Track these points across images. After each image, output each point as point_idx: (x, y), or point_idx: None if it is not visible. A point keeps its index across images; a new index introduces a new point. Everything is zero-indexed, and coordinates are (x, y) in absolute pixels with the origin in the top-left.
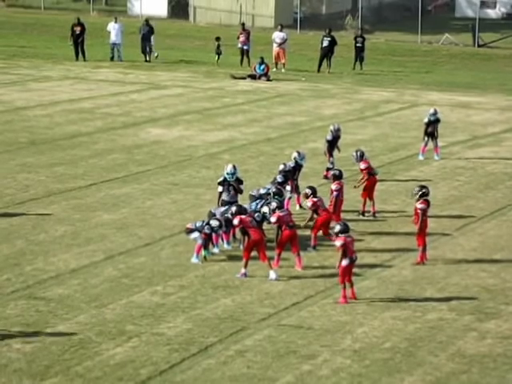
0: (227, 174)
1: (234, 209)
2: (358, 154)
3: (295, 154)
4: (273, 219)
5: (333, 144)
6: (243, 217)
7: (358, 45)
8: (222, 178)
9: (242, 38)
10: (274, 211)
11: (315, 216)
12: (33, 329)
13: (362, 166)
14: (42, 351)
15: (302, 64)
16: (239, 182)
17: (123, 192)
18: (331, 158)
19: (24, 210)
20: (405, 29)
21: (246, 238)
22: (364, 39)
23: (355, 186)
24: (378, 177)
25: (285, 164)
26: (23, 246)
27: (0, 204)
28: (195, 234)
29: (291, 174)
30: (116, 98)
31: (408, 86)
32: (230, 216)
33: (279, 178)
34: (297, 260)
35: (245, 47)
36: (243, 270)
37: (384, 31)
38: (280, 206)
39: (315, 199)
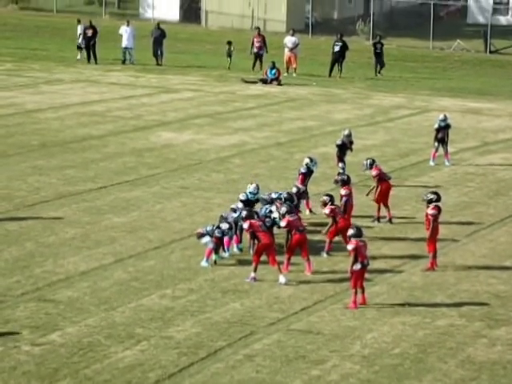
0: (250, 192)
1: (244, 213)
2: (368, 162)
3: (307, 160)
4: (283, 223)
5: (343, 149)
6: (253, 221)
7: (377, 51)
8: (244, 197)
9: (257, 44)
10: (283, 216)
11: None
12: (42, 331)
13: (374, 173)
14: (51, 354)
15: (313, 69)
16: (257, 200)
17: (133, 195)
18: (340, 164)
19: (34, 212)
20: (416, 35)
21: (256, 242)
22: (382, 45)
23: (367, 195)
24: (390, 182)
25: (298, 187)
26: (33, 248)
27: (11, 206)
28: (206, 239)
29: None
30: (127, 102)
31: (419, 91)
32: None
33: (294, 189)
34: (306, 265)
35: (260, 52)
36: (252, 274)
37: (396, 37)
38: (290, 211)
39: (333, 206)
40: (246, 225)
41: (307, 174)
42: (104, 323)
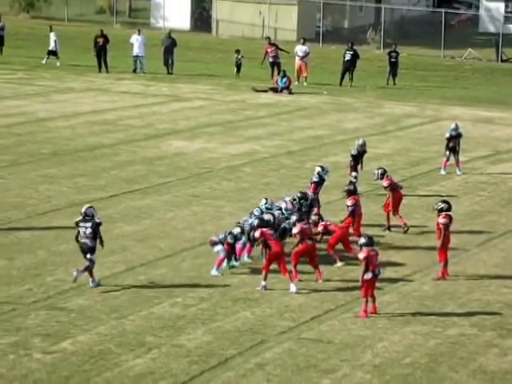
0: (261, 206)
1: (255, 221)
2: (379, 172)
3: (319, 169)
4: (295, 230)
5: (357, 159)
6: (264, 229)
7: (392, 60)
8: (259, 212)
9: (272, 53)
10: (294, 224)
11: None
12: (53, 339)
13: (385, 183)
14: (62, 362)
15: (323, 77)
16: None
17: (144, 203)
18: (354, 173)
19: (46, 220)
20: (427, 43)
21: (268, 251)
22: (398, 54)
23: (387, 211)
24: (401, 191)
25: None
26: (45, 256)
27: (22, 215)
28: (219, 247)
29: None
30: (138, 110)
31: (430, 100)
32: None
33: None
34: (317, 273)
35: (277, 60)
36: (263, 283)
37: (407, 45)
38: (300, 219)
39: (323, 222)
40: (257, 233)
41: (319, 183)
42: (115, 331)
